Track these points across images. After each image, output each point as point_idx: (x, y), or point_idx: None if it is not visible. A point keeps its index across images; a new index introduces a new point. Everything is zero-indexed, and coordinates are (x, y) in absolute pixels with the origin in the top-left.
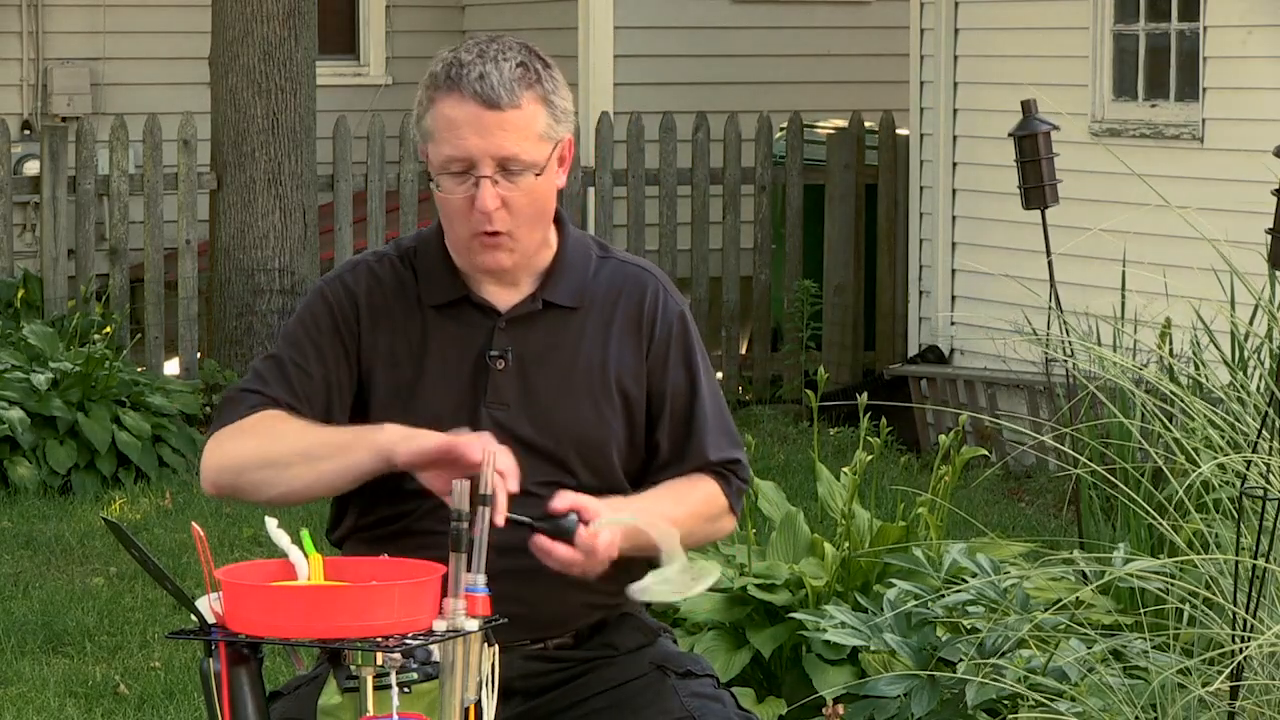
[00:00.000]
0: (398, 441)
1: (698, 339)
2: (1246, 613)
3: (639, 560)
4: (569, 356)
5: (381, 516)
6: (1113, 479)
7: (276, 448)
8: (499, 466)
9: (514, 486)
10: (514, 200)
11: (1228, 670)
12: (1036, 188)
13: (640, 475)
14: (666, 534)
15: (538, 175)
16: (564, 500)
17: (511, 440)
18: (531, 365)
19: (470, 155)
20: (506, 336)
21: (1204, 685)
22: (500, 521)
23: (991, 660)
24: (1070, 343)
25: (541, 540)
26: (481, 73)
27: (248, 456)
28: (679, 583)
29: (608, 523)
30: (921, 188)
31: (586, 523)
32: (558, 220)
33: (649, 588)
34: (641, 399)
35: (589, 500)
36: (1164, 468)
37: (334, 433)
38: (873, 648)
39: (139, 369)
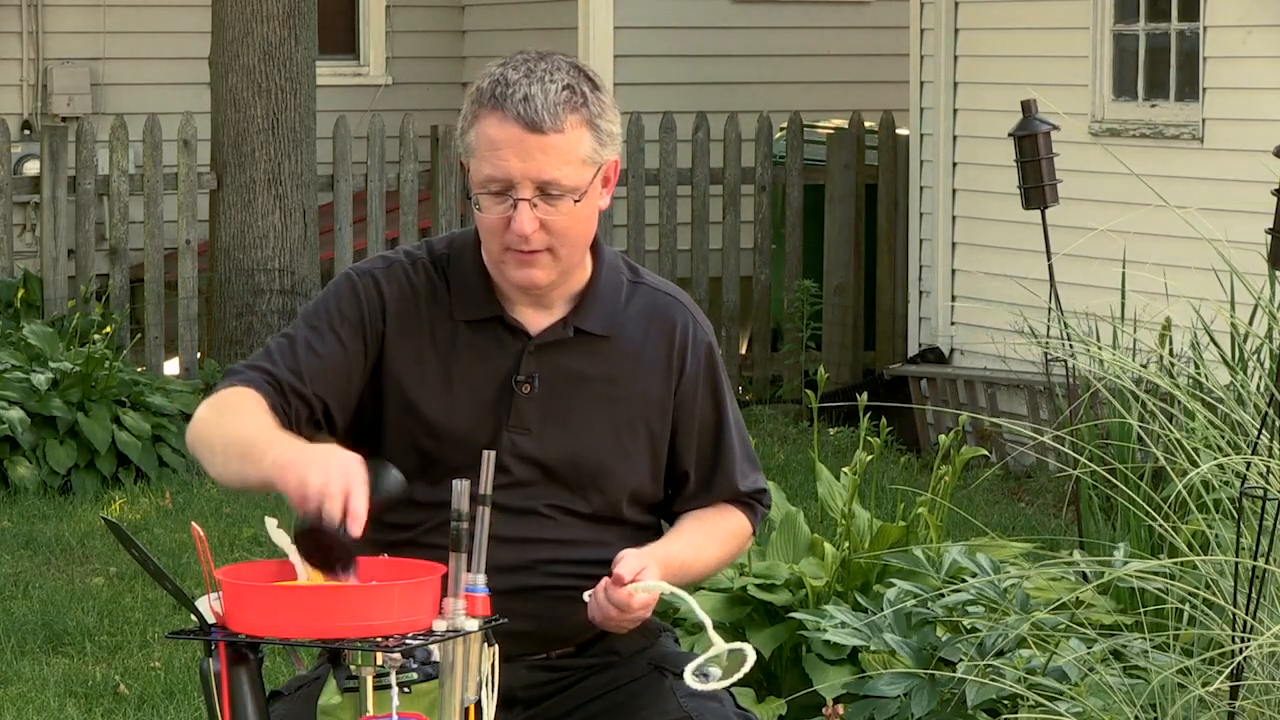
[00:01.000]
0: (272, 470)
1: (723, 368)
2: (1246, 613)
3: None
4: (596, 386)
5: (389, 523)
6: (1112, 479)
7: (217, 433)
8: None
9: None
10: (553, 223)
11: (1228, 670)
12: (1036, 188)
13: (666, 506)
14: (703, 615)
15: (577, 201)
16: (627, 566)
17: (529, 464)
18: (557, 392)
19: (509, 177)
20: (534, 361)
21: (1204, 685)
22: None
23: (991, 660)
24: (1070, 343)
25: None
26: (526, 94)
27: (199, 433)
28: (723, 668)
29: (644, 587)
30: (921, 188)
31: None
32: (593, 243)
33: (702, 675)
34: (665, 433)
35: (637, 559)
36: (1165, 468)
37: (258, 436)
38: (873, 648)
39: (139, 369)
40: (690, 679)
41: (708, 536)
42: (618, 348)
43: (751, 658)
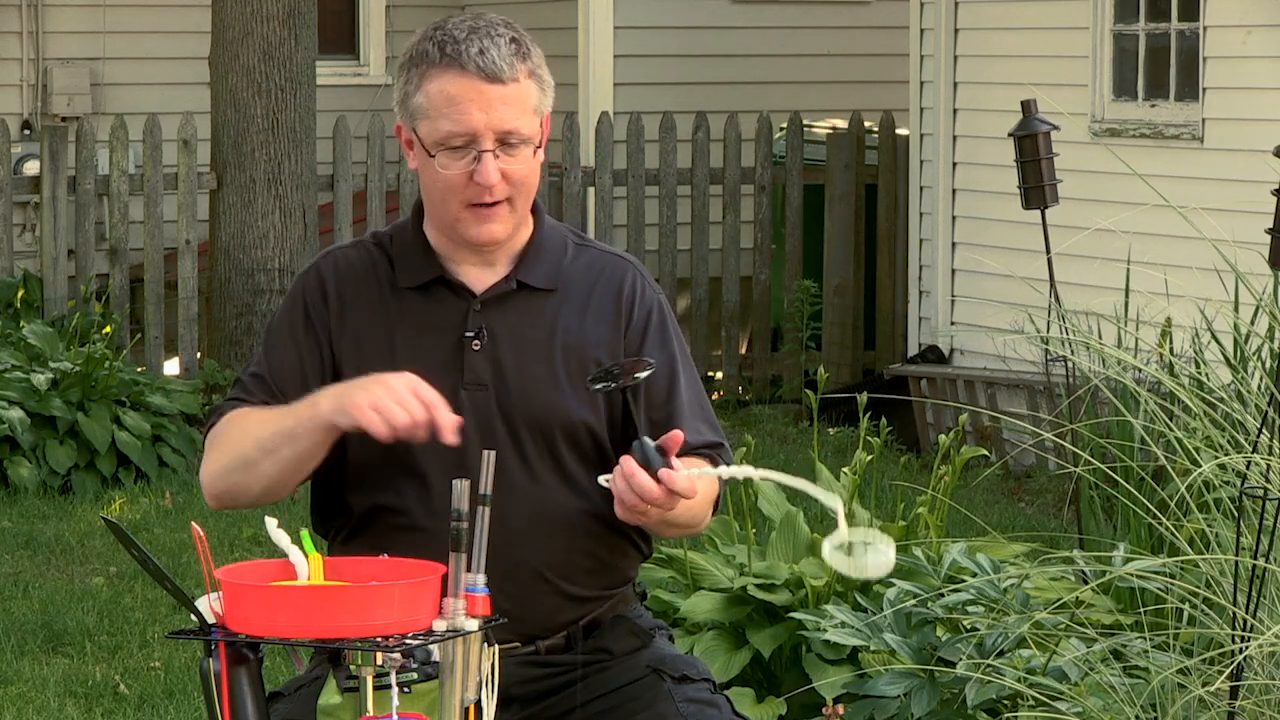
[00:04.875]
0: (334, 413)
1: (676, 328)
2: (1246, 613)
3: (632, 556)
4: (544, 338)
5: (385, 506)
6: (1114, 477)
7: (240, 448)
8: (424, 397)
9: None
10: (512, 173)
11: (1228, 670)
12: (1036, 188)
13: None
14: (829, 495)
15: (536, 149)
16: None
17: (493, 420)
18: (507, 346)
19: (473, 129)
20: (481, 317)
21: (1204, 685)
22: (451, 439)
23: (991, 660)
24: (1071, 341)
25: (629, 464)
26: (481, 48)
27: (222, 464)
28: (856, 552)
29: (704, 473)
30: (921, 188)
31: (666, 455)
32: (532, 205)
33: (835, 550)
34: None
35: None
36: (1166, 467)
37: (282, 417)
38: (873, 647)
39: (139, 369)
40: (830, 557)
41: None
42: (563, 300)
43: (890, 555)
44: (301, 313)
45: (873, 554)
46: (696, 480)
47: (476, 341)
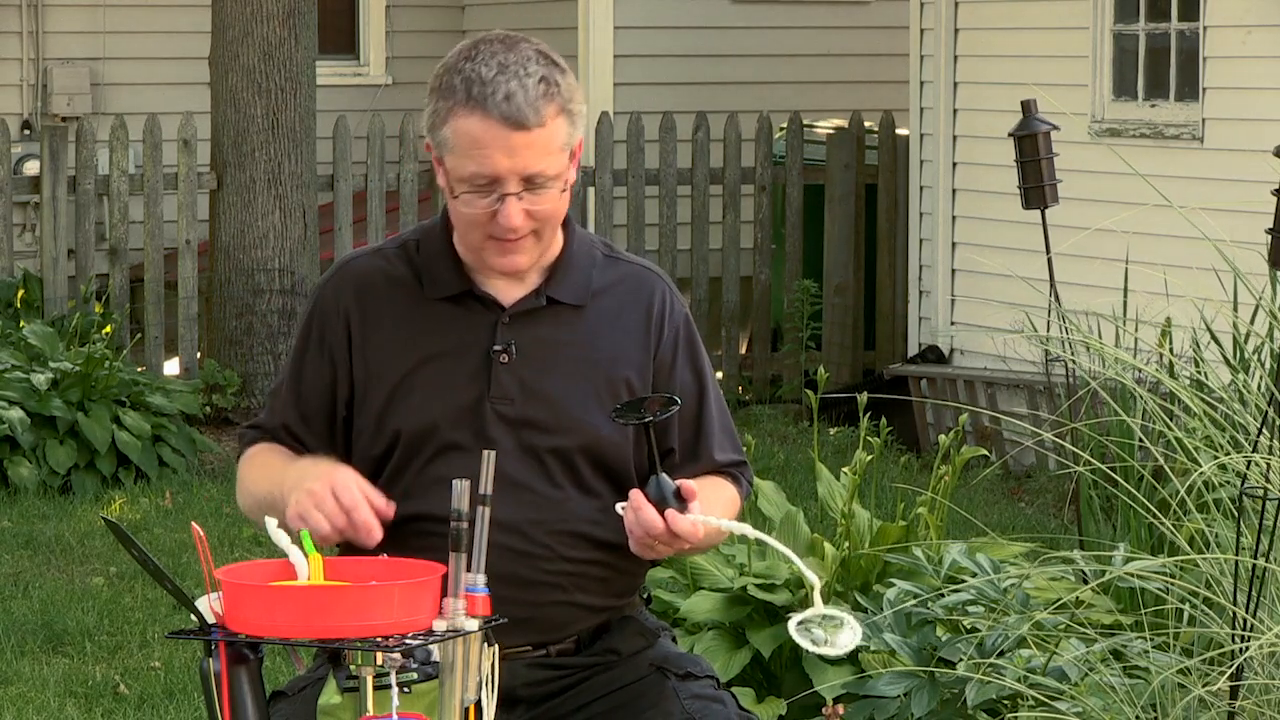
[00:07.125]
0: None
1: (701, 343)
2: (1246, 613)
3: (643, 566)
4: (573, 353)
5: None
6: (1114, 476)
7: (246, 501)
8: (344, 501)
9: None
10: (538, 211)
11: (1228, 670)
12: (1036, 188)
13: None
14: (811, 573)
15: (563, 190)
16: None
17: (518, 435)
18: (535, 360)
19: (498, 174)
20: (510, 331)
21: (1204, 685)
22: (371, 542)
23: (991, 660)
24: (1071, 340)
25: (637, 497)
26: (507, 93)
27: (242, 500)
28: (820, 631)
29: (707, 521)
30: (921, 188)
31: (684, 500)
32: (564, 219)
33: (806, 633)
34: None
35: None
36: (1165, 467)
37: (265, 481)
38: (873, 648)
39: (139, 369)
40: (795, 634)
41: (715, 501)
42: (592, 316)
43: (856, 632)
44: (315, 330)
45: (840, 632)
46: (701, 526)
47: (504, 355)
